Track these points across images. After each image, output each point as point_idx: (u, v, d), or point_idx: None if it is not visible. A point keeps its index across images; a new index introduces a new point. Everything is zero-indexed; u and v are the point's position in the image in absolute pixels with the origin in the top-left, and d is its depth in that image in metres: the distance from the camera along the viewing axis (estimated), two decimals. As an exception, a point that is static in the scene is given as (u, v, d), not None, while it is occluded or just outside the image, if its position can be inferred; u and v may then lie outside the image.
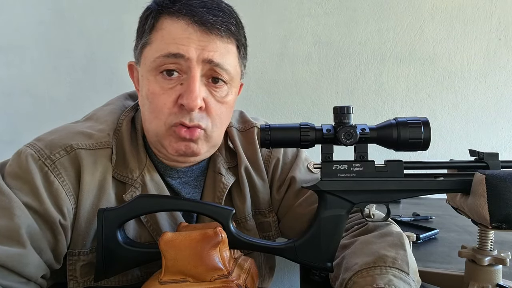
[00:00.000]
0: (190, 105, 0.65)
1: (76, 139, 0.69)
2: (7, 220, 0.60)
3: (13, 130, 1.69)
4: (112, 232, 0.63)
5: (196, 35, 0.65)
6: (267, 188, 0.83)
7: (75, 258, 0.68)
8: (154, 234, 0.72)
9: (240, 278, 0.60)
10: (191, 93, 0.65)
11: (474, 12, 1.45)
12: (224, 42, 0.68)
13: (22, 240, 0.60)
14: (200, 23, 0.65)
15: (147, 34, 0.69)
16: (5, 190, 0.63)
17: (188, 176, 0.79)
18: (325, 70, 1.54)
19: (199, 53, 0.65)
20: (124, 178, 0.71)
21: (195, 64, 0.65)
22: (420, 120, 0.59)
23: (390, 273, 0.57)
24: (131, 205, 0.65)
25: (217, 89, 0.69)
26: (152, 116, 0.69)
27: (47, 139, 0.69)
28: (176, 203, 0.68)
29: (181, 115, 0.66)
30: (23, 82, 1.68)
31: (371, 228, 0.69)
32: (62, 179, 0.66)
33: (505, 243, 0.96)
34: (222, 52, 0.67)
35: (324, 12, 1.52)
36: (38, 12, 1.64)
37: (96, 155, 0.69)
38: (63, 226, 0.66)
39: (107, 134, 0.72)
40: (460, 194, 0.63)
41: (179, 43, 0.65)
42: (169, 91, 0.67)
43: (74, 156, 0.67)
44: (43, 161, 0.65)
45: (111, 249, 0.63)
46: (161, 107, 0.67)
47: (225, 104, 0.71)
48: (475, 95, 1.48)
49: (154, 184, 0.73)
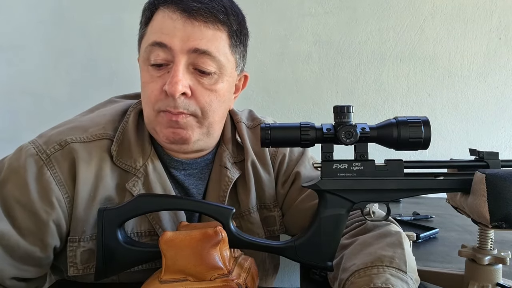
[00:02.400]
0: (170, 90, 0.66)
1: (71, 134, 0.72)
2: None
3: (14, 129, 1.69)
4: (112, 231, 0.63)
5: (180, 23, 0.66)
6: (273, 182, 0.84)
7: (75, 244, 0.70)
8: (153, 223, 0.73)
9: (240, 277, 0.60)
10: (172, 78, 0.66)
11: (474, 11, 1.45)
12: (211, 29, 0.68)
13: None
14: (183, 10, 0.66)
15: (143, 27, 0.72)
16: None
17: (193, 168, 0.80)
18: (325, 69, 1.54)
19: (183, 43, 0.66)
20: (127, 167, 0.73)
21: (178, 53, 0.67)
22: (420, 120, 0.59)
23: (387, 272, 0.57)
24: (131, 204, 0.65)
25: (204, 77, 0.69)
26: (144, 103, 0.74)
27: (47, 135, 0.73)
28: (177, 202, 0.69)
29: (167, 102, 0.68)
30: (23, 81, 1.68)
31: (370, 227, 0.70)
32: (54, 171, 0.69)
33: (505, 242, 0.96)
34: (209, 39, 0.67)
35: (325, 12, 1.52)
36: (38, 11, 1.64)
37: (90, 146, 0.72)
38: (56, 218, 0.68)
39: (102, 127, 0.75)
40: (460, 193, 0.63)
41: (164, 33, 0.67)
42: (157, 79, 0.69)
43: (68, 149, 0.70)
44: (40, 155, 0.69)
45: (111, 248, 0.63)
46: (149, 94, 0.70)
47: (215, 92, 0.71)
48: (475, 95, 1.48)
49: (156, 174, 0.75)
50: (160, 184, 0.75)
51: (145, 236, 0.74)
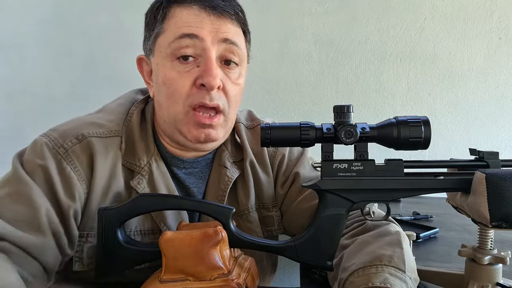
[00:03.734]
0: (211, 83, 0.67)
1: (87, 129, 0.72)
2: (27, 208, 0.63)
3: (14, 129, 1.68)
4: (112, 231, 0.63)
5: (209, 18, 0.69)
6: (272, 183, 0.85)
7: (83, 240, 0.71)
8: (158, 220, 0.74)
9: (240, 277, 0.60)
10: (210, 70, 0.67)
11: (474, 11, 1.45)
12: (234, 25, 0.72)
13: (43, 229, 0.63)
14: (212, 7, 0.69)
15: (159, 24, 0.71)
16: (24, 177, 0.65)
17: (194, 167, 0.80)
18: (326, 69, 1.54)
19: (214, 35, 0.69)
20: (132, 165, 0.74)
21: (209, 44, 0.68)
22: (420, 119, 0.59)
23: (386, 271, 0.57)
24: (131, 204, 0.65)
25: (231, 70, 0.72)
26: (170, 101, 0.71)
27: (61, 129, 0.72)
28: (177, 202, 0.69)
29: (201, 95, 0.69)
30: (24, 81, 1.68)
31: (369, 226, 0.70)
32: (74, 165, 0.69)
33: (505, 242, 0.97)
34: (234, 33, 0.71)
35: (325, 11, 1.52)
36: (39, 11, 1.64)
37: (107, 142, 0.72)
38: (75, 211, 0.68)
39: (117, 124, 0.75)
40: (460, 193, 0.63)
41: (192, 26, 0.68)
42: (186, 74, 0.69)
43: (86, 143, 0.70)
44: (57, 149, 0.69)
45: (111, 248, 0.63)
46: (180, 90, 0.69)
47: (238, 86, 0.74)
48: (476, 94, 1.48)
49: (160, 173, 0.76)
50: (163, 182, 0.76)
51: (148, 234, 0.74)
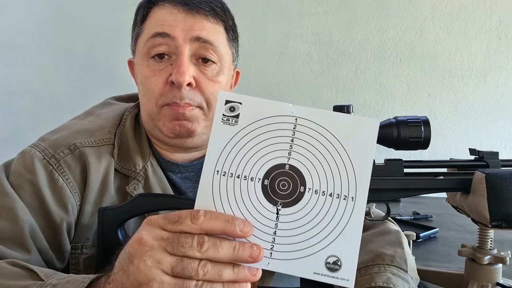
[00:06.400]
0: (178, 79, 0.65)
1: (79, 138, 0.70)
2: (11, 223, 0.61)
3: (14, 128, 1.68)
4: (112, 231, 0.63)
5: (181, 16, 0.67)
6: None
7: (78, 252, 0.69)
8: None
9: (240, 277, 0.60)
10: (179, 68, 0.66)
11: (474, 11, 1.45)
12: (211, 22, 0.69)
13: (27, 245, 0.61)
14: (184, 4, 0.67)
15: (139, 25, 0.71)
16: (8, 191, 0.63)
17: (189, 171, 0.79)
18: (325, 69, 1.54)
19: (186, 33, 0.67)
20: (127, 171, 0.72)
21: (181, 43, 0.67)
22: (420, 119, 0.59)
23: (388, 271, 0.57)
24: (131, 204, 0.64)
25: (207, 67, 0.70)
26: (145, 99, 0.71)
27: (51, 139, 0.70)
28: (177, 202, 0.68)
29: (172, 94, 0.67)
30: (23, 81, 1.68)
31: (368, 225, 0.70)
32: (67, 177, 0.67)
33: (505, 242, 0.96)
34: (210, 30, 0.69)
35: (324, 11, 1.52)
36: (38, 11, 1.64)
37: (99, 151, 0.70)
38: (68, 223, 0.66)
39: (108, 131, 0.73)
40: (460, 193, 0.63)
41: (165, 24, 0.67)
42: (159, 73, 0.68)
43: (78, 154, 0.68)
44: (48, 160, 0.66)
45: (111, 249, 0.63)
46: (153, 88, 0.69)
47: (218, 84, 0.72)
48: (475, 94, 1.48)
49: (156, 178, 0.74)
50: (160, 187, 0.74)
51: None
